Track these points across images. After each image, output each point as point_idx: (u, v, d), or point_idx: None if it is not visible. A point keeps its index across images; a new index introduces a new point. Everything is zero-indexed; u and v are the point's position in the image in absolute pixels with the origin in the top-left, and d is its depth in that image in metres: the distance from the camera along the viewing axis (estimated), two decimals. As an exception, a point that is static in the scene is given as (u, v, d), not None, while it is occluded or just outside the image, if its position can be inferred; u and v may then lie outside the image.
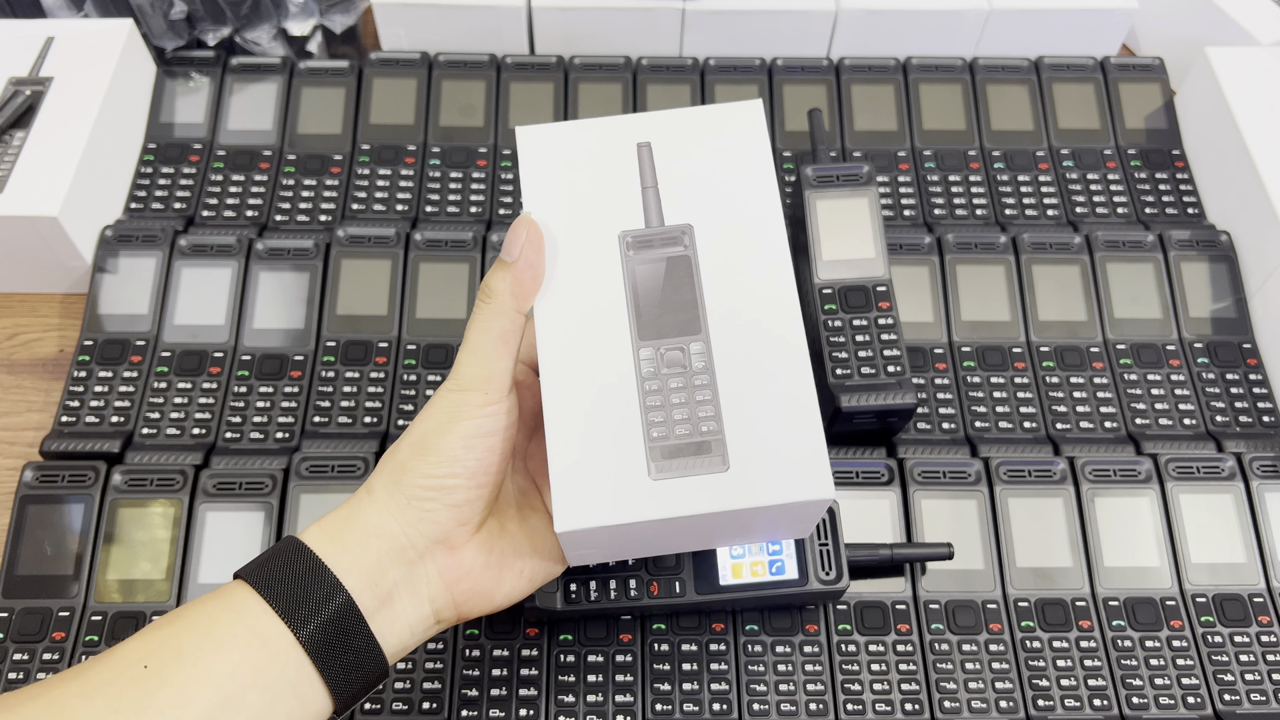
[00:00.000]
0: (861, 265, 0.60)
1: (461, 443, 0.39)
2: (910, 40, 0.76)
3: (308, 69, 0.73)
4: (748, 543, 0.50)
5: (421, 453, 0.40)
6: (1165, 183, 0.72)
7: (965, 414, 0.62)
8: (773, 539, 0.49)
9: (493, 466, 0.40)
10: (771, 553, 0.51)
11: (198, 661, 0.36)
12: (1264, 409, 0.63)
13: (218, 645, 0.36)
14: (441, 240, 0.66)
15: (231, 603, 0.38)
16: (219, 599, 0.38)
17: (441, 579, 0.41)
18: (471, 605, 0.42)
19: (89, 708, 0.34)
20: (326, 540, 0.39)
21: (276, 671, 0.37)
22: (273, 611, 0.37)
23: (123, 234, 0.65)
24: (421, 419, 0.41)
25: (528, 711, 0.52)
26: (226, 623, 0.37)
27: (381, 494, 0.40)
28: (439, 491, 0.40)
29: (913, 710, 0.53)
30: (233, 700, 0.35)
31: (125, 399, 0.61)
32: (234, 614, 0.37)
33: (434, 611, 0.41)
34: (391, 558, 0.39)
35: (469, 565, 0.41)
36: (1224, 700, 0.54)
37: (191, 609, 0.38)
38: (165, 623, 0.38)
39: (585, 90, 0.73)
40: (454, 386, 0.41)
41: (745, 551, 0.51)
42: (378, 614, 0.39)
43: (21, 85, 0.67)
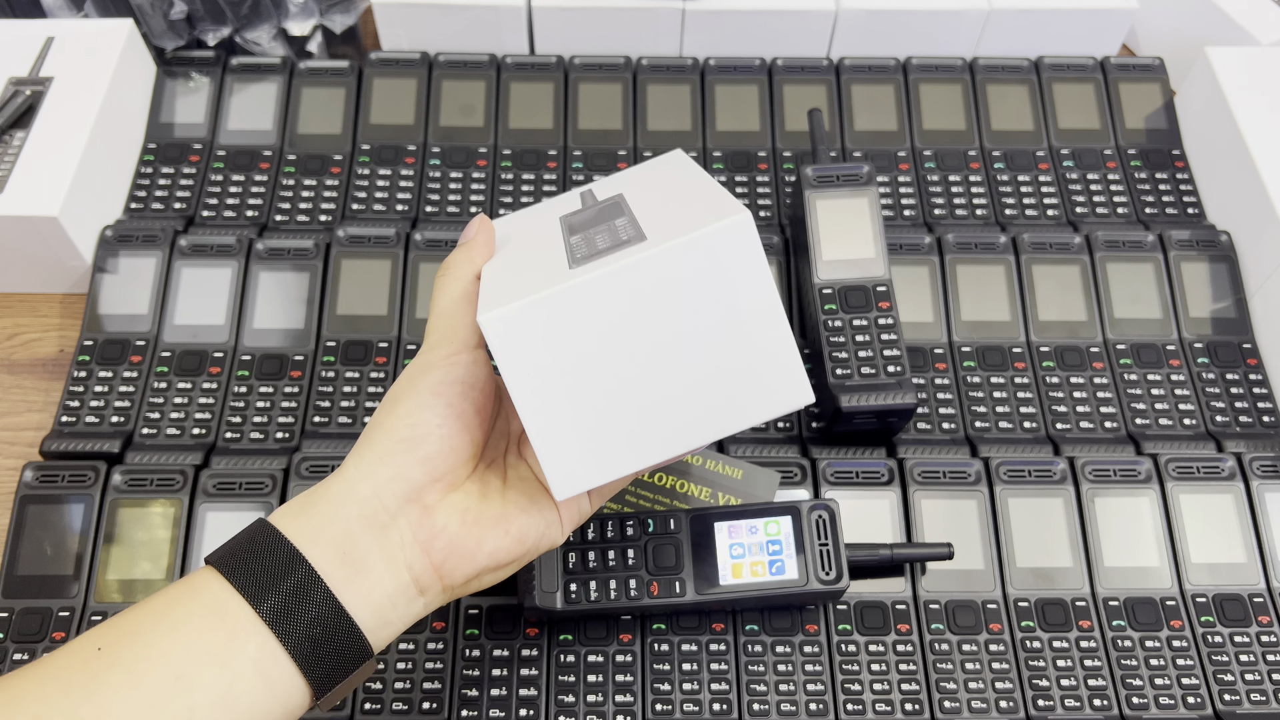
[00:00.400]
0: (861, 265, 0.60)
1: (431, 389, 0.39)
2: (910, 40, 0.76)
3: (308, 69, 0.73)
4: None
5: (391, 406, 0.40)
6: (1165, 183, 0.72)
7: (965, 414, 0.62)
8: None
9: (465, 414, 0.39)
10: (771, 553, 0.51)
11: (152, 642, 0.35)
12: (1264, 409, 0.63)
13: (174, 625, 0.35)
14: (441, 240, 0.66)
15: (193, 585, 0.37)
16: (183, 584, 0.37)
17: (416, 540, 0.39)
18: (451, 567, 0.39)
19: (39, 692, 0.34)
20: (290, 516, 0.39)
21: (236, 648, 0.35)
22: (232, 589, 0.36)
23: (123, 234, 0.65)
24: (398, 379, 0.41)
25: (528, 711, 0.52)
26: (184, 603, 0.36)
27: (352, 459, 0.39)
28: (409, 443, 0.39)
29: (913, 710, 0.53)
30: (188, 678, 0.34)
31: (125, 399, 0.61)
32: (193, 594, 0.36)
33: (414, 580, 0.39)
34: (362, 523, 0.38)
35: (442, 523, 0.39)
36: (1224, 700, 0.54)
37: (154, 595, 0.37)
38: (128, 610, 0.37)
39: (585, 90, 0.73)
40: (422, 349, 0.41)
41: (745, 552, 0.51)
42: (349, 584, 0.37)
43: (21, 85, 0.67)
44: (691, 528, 0.52)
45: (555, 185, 0.70)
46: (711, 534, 0.52)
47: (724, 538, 0.52)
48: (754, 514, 0.52)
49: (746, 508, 0.53)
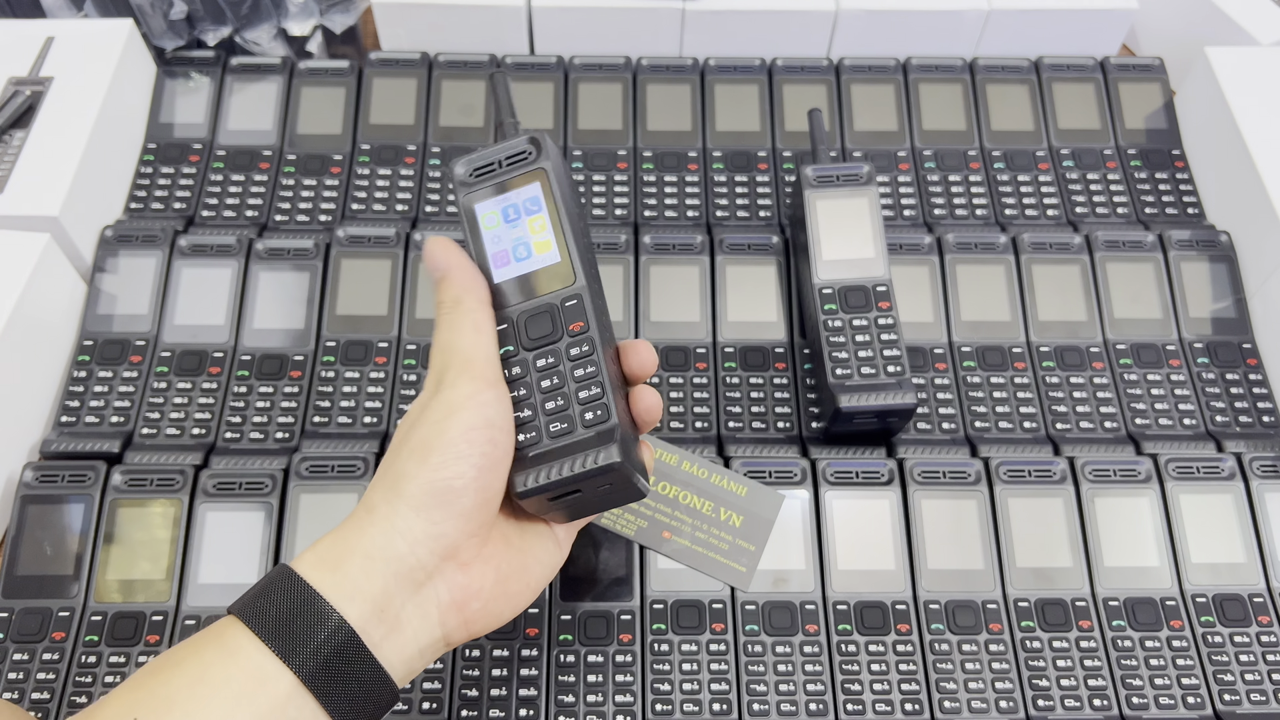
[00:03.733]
0: (861, 265, 0.60)
1: (463, 436, 0.38)
2: (910, 40, 0.76)
3: (308, 69, 0.73)
4: None
5: (423, 455, 0.38)
6: (1165, 183, 0.72)
7: (965, 414, 0.62)
8: None
9: (497, 464, 0.39)
10: None
11: (189, 709, 0.34)
12: (1264, 409, 0.63)
13: (212, 691, 0.34)
14: (441, 240, 0.65)
15: (224, 643, 0.36)
16: (211, 639, 0.36)
17: (453, 600, 0.39)
18: (480, 624, 0.40)
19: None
20: (325, 569, 0.37)
21: (277, 714, 0.35)
22: (268, 650, 0.35)
23: (123, 234, 0.65)
24: (413, 427, 0.39)
25: (528, 711, 0.52)
26: (219, 666, 0.35)
27: (383, 509, 0.38)
28: (445, 497, 0.38)
29: (913, 710, 0.53)
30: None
31: (125, 399, 0.61)
32: (227, 655, 0.35)
33: (444, 635, 0.39)
34: (399, 582, 0.37)
35: (478, 585, 0.39)
36: (1224, 700, 0.54)
37: (183, 651, 0.36)
38: (156, 668, 0.36)
39: (585, 90, 0.73)
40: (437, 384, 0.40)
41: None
42: (385, 641, 0.37)
43: (21, 85, 0.67)
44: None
45: (555, 185, 0.70)
46: None
47: None
48: None
49: None
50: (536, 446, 0.41)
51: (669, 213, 0.70)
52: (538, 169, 0.43)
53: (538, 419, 0.42)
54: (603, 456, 0.40)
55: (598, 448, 0.41)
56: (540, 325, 0.43)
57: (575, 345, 0.42)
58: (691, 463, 0.58)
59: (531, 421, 0.42)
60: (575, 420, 0.41)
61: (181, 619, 0.54)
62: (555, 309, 0.42)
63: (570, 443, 0.41)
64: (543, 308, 0.42)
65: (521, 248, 0.43)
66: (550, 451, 0.41)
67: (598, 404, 0.42)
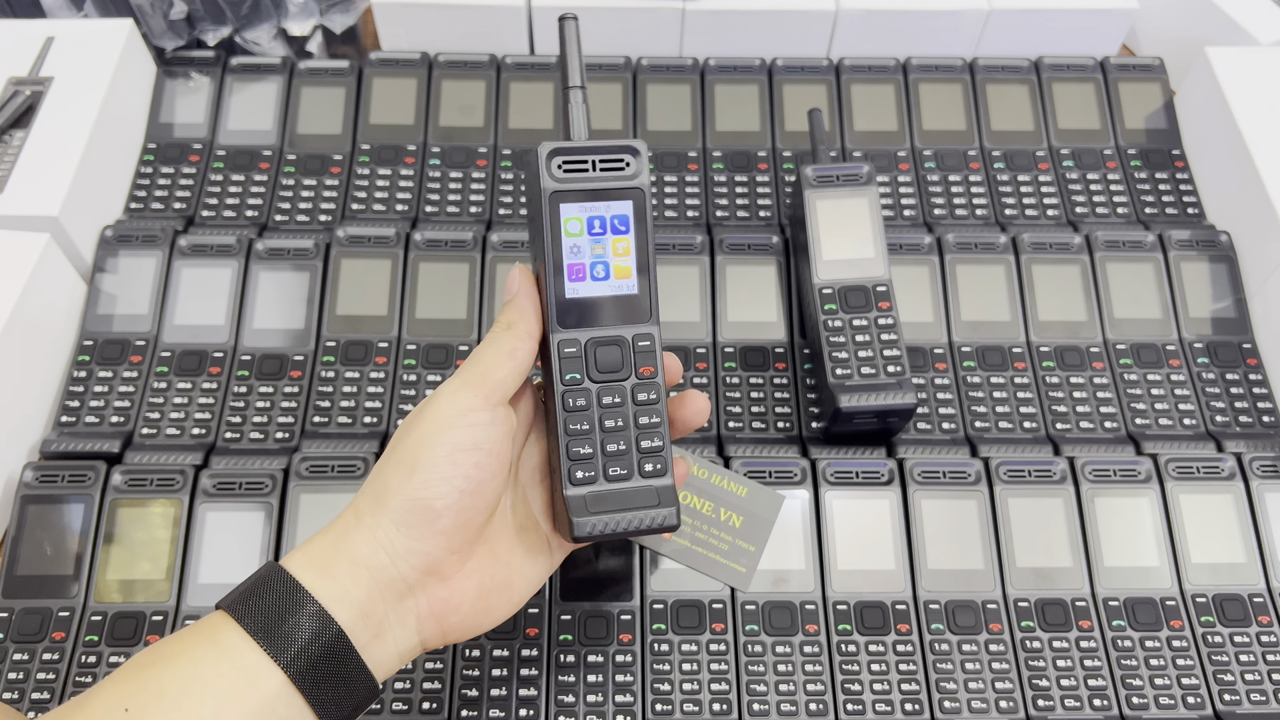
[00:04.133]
0: (861, 265, 0.60)
1: (448, 457, 0.38)
2: (910, 40, 0.76)
3: (308, 69, 0.73)
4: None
5: (407, 471, 0.38)
6: (1165, 183, 0.72)
7: (965, 414, 0.62)
8: None
9: (482, 487, 0.39)
10: None
11: (180, 704, 0.34)
12: (1264, 409, 0.63)
13: (203, 687, 0.35)
14: (441, 240, 0.66)
15: (216, 640, 0.36)
16: (202, 634, 0.37)
17: (431, 611, 0.40)
18: (456, 635, 0.41)
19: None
20: (315, 571, 0.38)
21: (267, 712, 0.35)
22: (259, 648, 0.36)
23: (123, 234, 0.65)
24: (410, 425, 0.39)
25: (528, 711, 0.52)
26: (210, 662, 0.36)
27: (368, 519, 0.39)
28: (426, 516, 0.38)
29: (913, 710, 0.53)
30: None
31: (125, 399, 0.61)
32: (218, 652, 0.36)
33: (422, 642, 0.40)
34: (382, 591, 0.38)
35: (458, 600, 0.40)
36: (1224, 700, 0.54)
37: (174, 645, 0.36)
38: (147, 660, 0.36)
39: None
40: (447, 387, 0.40)
41: None
42: (370, 645, 0.38)
43: (21, 85, 0.67)
44: None
45: (555, 185, 0.70)
46: None
47: None
48: None
49: None
50: (593, 486, 0.41)
51: (669, 213, 0.70)
52: (635, 188, 0.42)
53: (597, 458, 0.41)
54: (663, 518, 0.41)
55: (657, 507, 0.41)
56: (610, 358, 0.42)
57: (643, 390, 0.42)
58: (691, 463, 0.58)
59: (590, 460, 0.41)
60: (634, 468, 0.42)
61: (181, 619, 0.54)
62: (627, 345, 0.42)
63: (627, 490, 0.41)
64: (614, 339, 0.42)
65: (601, 267, 0.42)
66: (607, 495, 0.41)
67: (658, 456, 0.42)
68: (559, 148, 0.41)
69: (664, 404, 0.42)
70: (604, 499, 0.41)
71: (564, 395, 0.42)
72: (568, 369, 0.41)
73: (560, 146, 0.41)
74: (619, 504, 0.41)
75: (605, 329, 0.42)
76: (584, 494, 0.41)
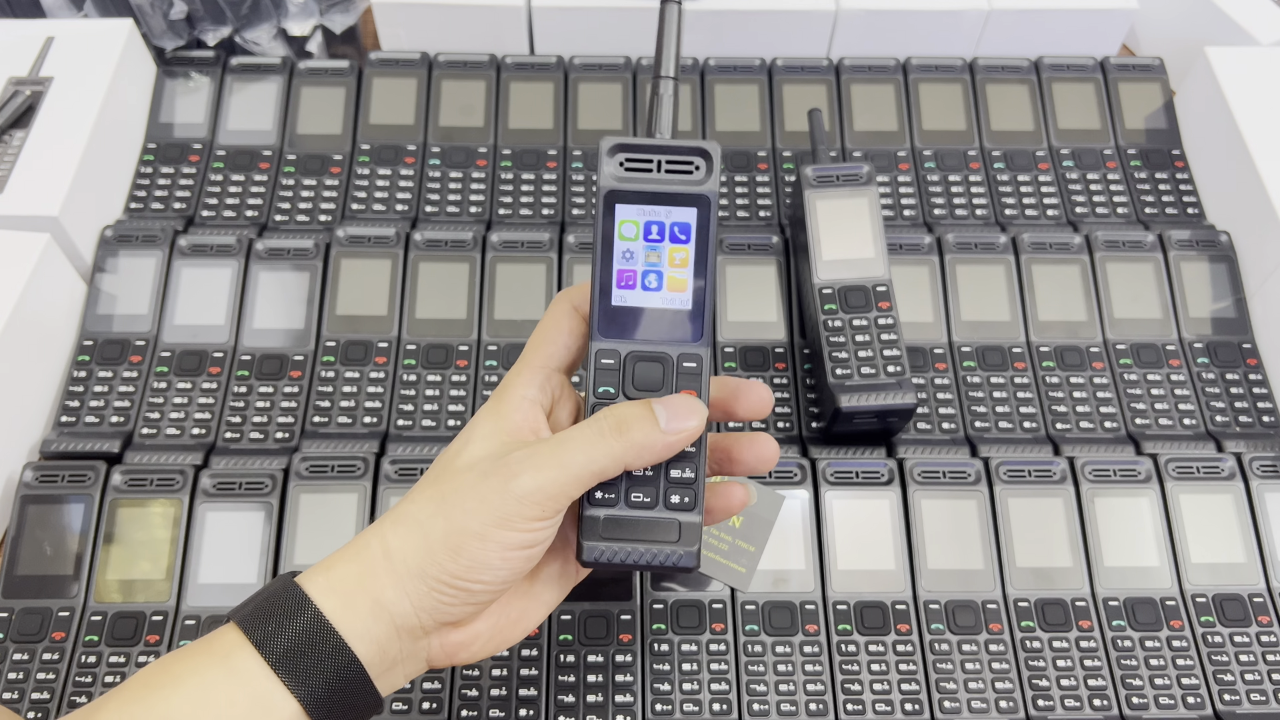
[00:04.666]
0: (861, 265, 0.60)
1: (500, 555, 0.36)
2: (910, 40, 0.76)
3: (308, 69, 0.73)
4: None
5: (454, 552, 0.36)
6: (1165, 183, 0.72)
7: (965, 414, 0.62)
8: None
9: (524, 572, 0.38)
10: None
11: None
12: (1264, 409, 0.63)
13: (214, 714, 0.34)
14: (441, 240, 0.66)
15: (229, 663, 0.35)
16: (215, 657, 0.35)
17: (444, 650, 0.39)
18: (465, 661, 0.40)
19: None
20: (336, 599, 0.36)
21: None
22: (277, 679, 0.35)
23: (123, 234, 0.65)
24: (473, 491, 0.36)
25: (528, 711, 0.52)
26: (222, 687, 0.35)
27: (402, 571, 0.37)
28: (465, 594, 0.37)
29: (913, 710, 0.53)
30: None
31: (125, 399, 0.61)
32: (231, 677, 0.35)
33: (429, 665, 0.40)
34: (399, 633, 0.37)
35: (471, 639, 0.39)
36: (1224, 700, 0.54)
37: (182, 663, 0.35)
38: (155, 680, 0.35)
39: (585, 90, 0.73)
40: (518, 470, 0.36)
41: None
42: (381, 677, 0.37)
43: (21, 85, 0.67)
44: None
45: (555, 185, 0.70)
46: None
47: None
48: None
49: None
50: (612, 509, 0.38)
51: (669, 213, 0.69)
52: (701, 195, 0.38)
53: (620, 480, 0.38)
54: (678, 557, 0.38)
55: (676, 544, 0.38)
56: (649, 375, 0.39)
57: None
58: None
59: (614, 482, 0.38)
60: (659, 496, 0.38)
61: (181, 619, 0.54)
62: (670, 363, 0.39)
63: (649, 520, 0.38)
64: (656, 355, 0.39)
65: (654, 276, 0.39)
66: (626, 522, 0.38)
67: (687, 489, 0.39)
68: (623, 143, 0.38)
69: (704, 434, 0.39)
70: (621, 525, 0.38)
71: (594, 408, 0.39)
72: (602, 381, 0.39)
73: (625, 142, 0.38)
74: (635, 533, 0.38)
75: (648, 343, 0.39)
76: (601, 516, 0.38)
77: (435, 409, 0.61)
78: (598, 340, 0.39)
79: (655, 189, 0.38)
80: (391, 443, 0.59)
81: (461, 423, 0.61)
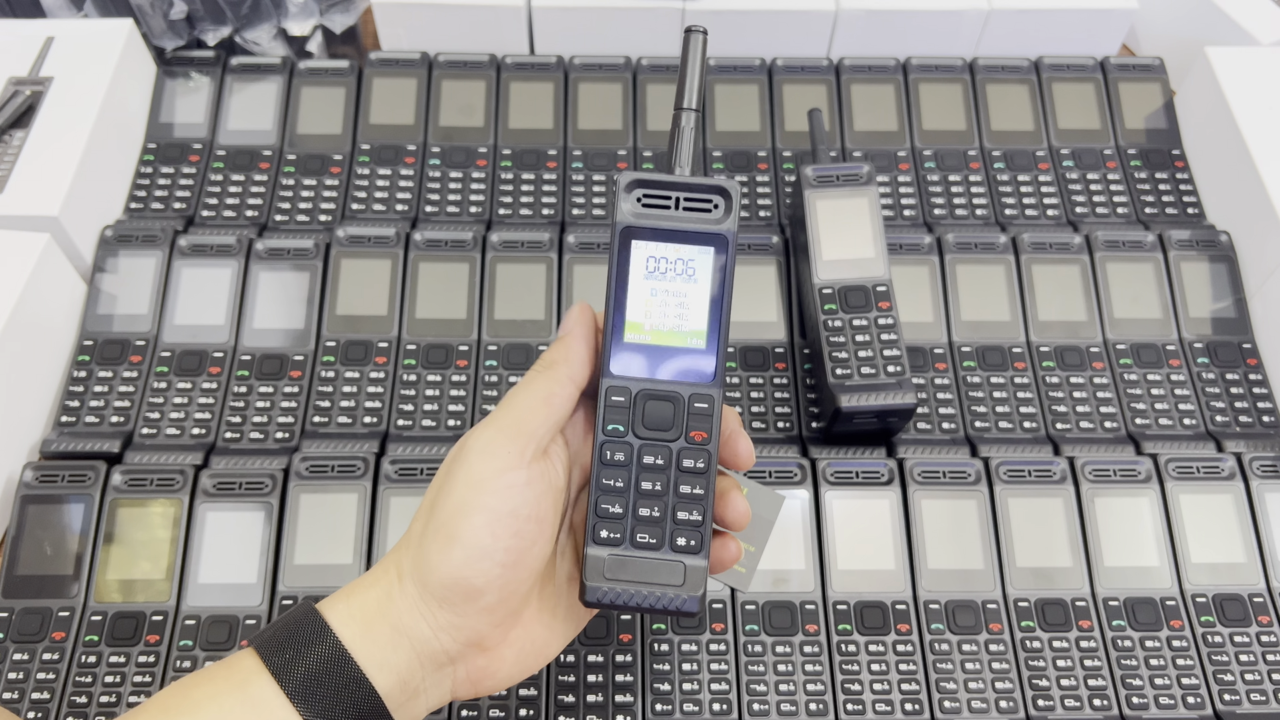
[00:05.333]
0: (861, 265, 0.60)
1: (487, 529, 0.36)
2: (910, 40, 0.76)
3: (308, 69, 0.73)
4: None
5: (445, 544, 0.36)
6: (1165, 183, 0.72)
7: (965, 414, 0.62)
8: None
9: (524, 556, 0.37)
10: None
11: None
12: (1264, 409, 0.63)
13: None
14: (441, 240, 0.66)
15: (247, 690, 0.35)
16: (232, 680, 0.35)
17: (469, 677, 0.38)
18: (488, 689, 0.40)
19: None
20: (358, 629, 0.36)
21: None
22: (294, 709, 0.34)
23: (123, 234, 0.65)
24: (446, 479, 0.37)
25: (528, 711, 0.52)
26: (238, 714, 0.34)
27: (410, 588, 0.37)
28: (468, 594, 0.36)
29: (913, 710, 0.53)
30: None
31: (125, 399, 0.61)
32: (248, 704, 0.34)
33: (452, 697, 0.39)
34: (422, 661, 0.37)
35: (497, 666, 0.39)
36: (1224, 700, 0.54)
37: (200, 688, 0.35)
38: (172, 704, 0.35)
39: (585, 90, 0.73)
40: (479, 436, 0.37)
41: None
42: (402, 708, 0.37)
43: (21, 85, 0.67)
44: None
45: (555, 185, 0.70)
46: None
47: None
48: None
49: None
50: (616, 548, 0.38)
51: (669, 213, 0.70)
52: (719, 234, 0.38)
53: (626, 520, 0.38)
54: (681, 602, 0.38)
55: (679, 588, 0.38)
56: (659, 414, 0.38)
57: (690, 455, 0.38)
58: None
59: (619, 520, 0.38)
60: (665, 538, 0.38)
61: (181, 619, 0.54)
62: (681, 403, 0.38)
63: (652, 561, 0.38)
64: (668, 394, 0.38)
65: (669, 315, 0.39)
66: (629, 563, 0.38)
67: (695, 531, 0.38)
68: (641, 179, 0.38)
69: (712, 475, 0.38)
70: (624, 566, 0.38)
71: (603, 446, 0.38)
72: (611, 419, 0.38)
73: (643, 178, 0.38)
74: (638, 575, 0.38)
75: (660, 382, 0.38)
76: (604, 555, 0.38)
77: (435, 409, 0.61)
78: (609, 377, 0.39)
79: (673, 226, 0.38)
80: (391, 443, 0.59)
81: (461, 422, 0.61)
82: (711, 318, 0.39)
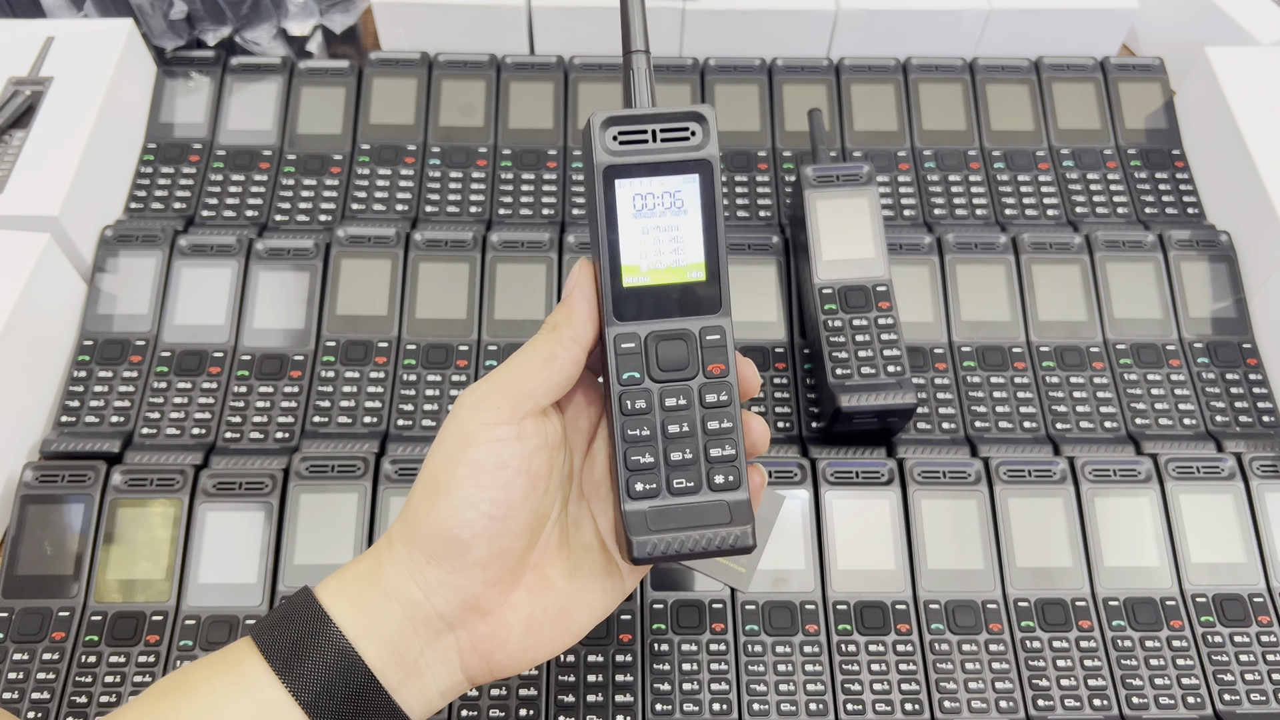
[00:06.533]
0: (861, 265, 0.60)
1: (471, 479, 0.35)
2: (910, 40, 0.76)
3: (308, 69, 0.73)
4: None
5: (431, 497, 0.35)
6: (1165, 183, 0.72)
7: (965, 414, 0.62)
8: None
9: (513, 510, 0.36)
10: None
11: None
12: (1264, 409, 0.63)
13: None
14: (441, 240, 0.66)
15: (239, 673, 0.35)
16: (227, 666, 0.35)
17: (474, 648, 0.37)
18: (509, 670, 0.38)
19: None
20: (346, 600, 0.36)
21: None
22: (281, 685, 0.34)
23: (123, 234, 0.65)
24: (437, 441, 0.37)
25: (528, 711, 0.52)
26: (231, 698, 0.34)
27: (400, 548, 0.36)
28: (454, 547, 0.35)
29: (913, 710, 0.53)
30: None
31: (125, 399, 0.61)
32: (239, 687, 0.34)
33: (468, 678, 0.38)
34: (415, 627, 0.35)
35: (503, 635, 0.37)
36: (1224, 700, 0.54)
37: (198, 673, 0.35)
38: (170, 689, 0.35)
39: (585, 90, 0.73)
40: (471, 395, 0.36)
41: None
42: (404, 685, 0.36)
43: (21, 85, 0.67)
44: None
45: (555, 185, 0.70)
46: None
47: None
48: None
49: None
50: (655, 500, 0.37)
51: (669, 213, 0.70)
52: (702, 160, 0.36)
53: (659, 468, 0.37)
54: (735, 538, 0.37)
55: (729, 525, 0.37)
56: (673, 354, 0.37)
57: (712, 390, 0.37)
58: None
59: (652, 470, 0.37)
60: (702, 479, 0.37)
61: (181, 619, 0.54)
62: (693, 339, 0.37)
63: (695, 505, 0.37)
64: (678, 333, 0.37)
65: (664, 251, 0.37)
66: (672, 511, 0.37)
67: (730, 466, 0.37)
68: (615, 116, 0.36)
69: (737, 407, 0.37)
70: (668, 515, 0.37)
71: (621, 397, 0.37)
72: (625, 367, 0.37)
73: (616, 115, 0.36)
74: (685, 521, 0.36)
75: (668, 321, 0.37)
76: (644, 509, 0.37)
77: (435, 409, 0.61)
78: (614, 325, 0.37)
79: (655, 159, 0.36)
80: (391, 443, 0.59)
81: (461, 423, 0.61)
82: (708, 247, 0.37)
